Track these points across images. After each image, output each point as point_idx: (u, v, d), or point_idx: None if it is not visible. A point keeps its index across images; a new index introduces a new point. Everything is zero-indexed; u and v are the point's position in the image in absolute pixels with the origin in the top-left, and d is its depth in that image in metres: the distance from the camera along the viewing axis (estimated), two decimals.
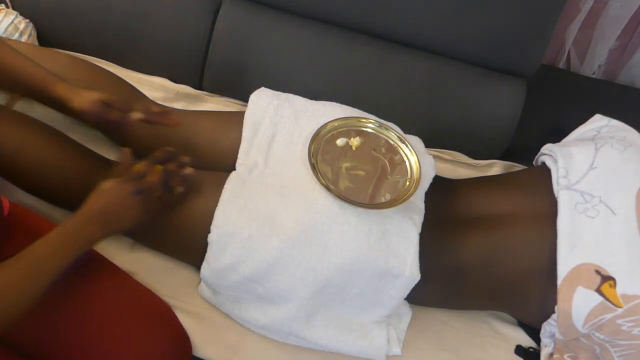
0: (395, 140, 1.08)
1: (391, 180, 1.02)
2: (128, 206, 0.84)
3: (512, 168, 1.35)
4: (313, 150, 1.01)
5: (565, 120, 1.31)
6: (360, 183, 1.00)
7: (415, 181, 1.02)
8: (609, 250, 0.95)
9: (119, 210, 0.83)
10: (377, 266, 0.94)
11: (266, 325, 0.98)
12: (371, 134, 1.08)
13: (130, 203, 0.84)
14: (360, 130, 1.08)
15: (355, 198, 0.97)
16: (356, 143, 1.05)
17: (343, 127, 1.07)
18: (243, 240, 0.93)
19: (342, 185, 0.99)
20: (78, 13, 1.28)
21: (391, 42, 1.31)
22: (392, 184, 1.01)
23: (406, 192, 1.00)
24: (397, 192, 1.00)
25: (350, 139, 1.06)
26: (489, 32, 1.25)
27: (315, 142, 1.03)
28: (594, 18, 1.63)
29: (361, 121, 1.09)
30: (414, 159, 1.05)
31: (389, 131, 1.08)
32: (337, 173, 1.00)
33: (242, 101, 1.34)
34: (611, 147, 1.05)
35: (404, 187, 1.01)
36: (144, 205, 0.86)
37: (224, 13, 1.29)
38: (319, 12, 1.29)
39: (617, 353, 0.97)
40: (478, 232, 1.03)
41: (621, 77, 1.75)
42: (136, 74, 1.32)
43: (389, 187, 1.01)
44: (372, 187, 1.00)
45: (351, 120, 1.08)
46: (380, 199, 0.98)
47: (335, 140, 1.05)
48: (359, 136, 1.06)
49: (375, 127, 1.09)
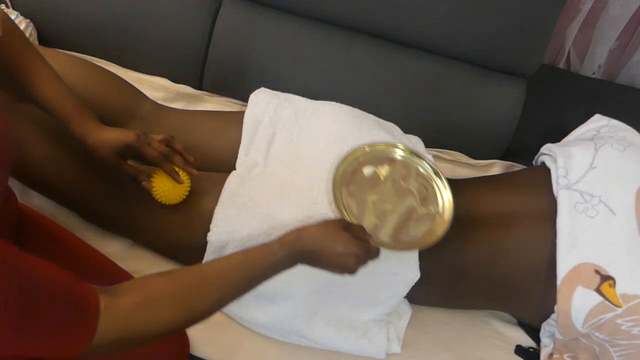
0: (428, 170, 0.99)
1: (420, 215, 0.93)
2: (341, 263, 0.78)
3: (512, 168, 1.35)
4: (338, 179, 0.94)
5: (565, 120, 1.31)
6: (386, 218, 0.93)
7: (446, 221, 0.93)
8: (609, 250, 0.95)
9: (331, 262, 0.78)
10: (376, 264, 0.94)
11: (266, 324, 0.98)
12: (401, 162, 1.00)
13: (346, 261, 0.78)
14: (389, 157, 1.00)
15: (381, 236, 0.90)
16: (384, 173, 0.97)
17: (371, 154, 0.99)
18: (242, 239, 0.93)
19: (368, 222, 0.92)
20: (78, 13, 1.28)
21: (391, 42, 1.31)
22: (421, 220, 0.93)
23: (436, 231, 0.91)
24: (426, 230, 0.91)
25: (378, 167, 0.98)
26: (489, 32, 1.25)
27: (341, 169, 0.96)
28: (594, 18, 1.63)
29: (390, 147, 1.00)
30: (447, 195, 0.97)
31: (422, 160, 1.00)
32: (362, 207, 0.93)
33: (242, 101, 1.34)
34: (611, 147, 1.05)
35: (434, 224, 0.92)
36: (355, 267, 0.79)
37: (224, 13, 1.29)
38: (319, 12, 1.29)
39: (616, 353, 0.97)
40: (478, 232, 1.03)
41: (621, 77, 1.75)
42: (136, 74, 1.32)
43: (417, 223, 0.92)
44: (399, 223, 0.92)
45: (379, 147, 1.00)
46: (407, 236, 0.90)
47: (362, 169, 0.97)
48: (387, 164, 0.99)
49: (405, 155, 1.00)
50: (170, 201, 0.95)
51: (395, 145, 1.00)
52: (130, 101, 1.11)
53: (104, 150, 0.88)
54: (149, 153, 0.89)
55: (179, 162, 0.92)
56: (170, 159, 0.92)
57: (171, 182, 0.92)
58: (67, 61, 1.10)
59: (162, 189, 0.92)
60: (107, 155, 0.88)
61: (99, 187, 0.99)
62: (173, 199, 0.94)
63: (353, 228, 0.81)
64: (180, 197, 0.95)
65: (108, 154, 0.88)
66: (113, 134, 0.88)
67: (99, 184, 0.98)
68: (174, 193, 0.94)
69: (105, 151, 0.88)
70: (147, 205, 0.96)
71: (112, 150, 0.88)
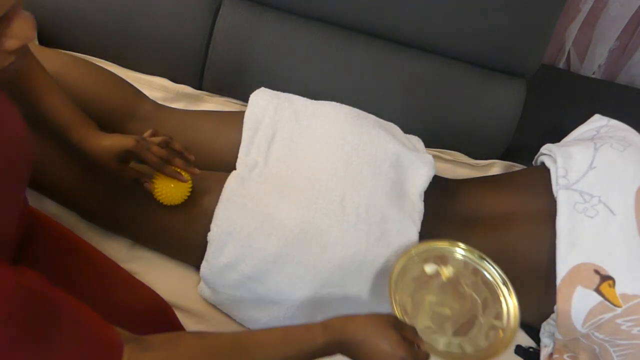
0: (494, 276, 0.92)
1: (481, 324, 0.87)
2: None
3: (512, 168, 1.35)
4: (396, 272, 0.89)
5: (565, 120, 1.31)
6: (442, 323, 0.86)
7: (511, 332, 0.85)
8: (608, 250, 0.95)
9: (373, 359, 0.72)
10: (376, 265, 0.94)
11: (266, 324, 0.98)
12: (466, 264, 0.94)
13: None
14: (454, 257, 0.95)
15: (434, 342, 0.83)
16: (447, 273, 0.92)
17: (434, 251, 0.94)
18: (242, 238, 0.93)
19: (422, 324, 0.85)
20: (78, 13, 1.28)
21: (391, 42, 1.31)
22: (481, 330, 0.86)
23: (496, 348, 0.83)
24: (485, 342, 0.84)
25: (442, 266, 0.92)
26: (489, 32, 1.25)
27: (401, 262, 0.91)
28: (594, 18, 1.63)
29: (454, 247, 0.95)
30: (512, 303, 0.89)
31: (490, 265, 0.93)
32: (418, 306, 0.87)
33: (242, 101, 1.34)
34: (610, 147, 1.05)
35: (496, 338, 0.85)
36: None
37: (224, 13, 1.29)
38: (319, 12, 1.29)
39: (616, 353, 0.97)
40: (477, 232, 1.03)
41: (621, 77, 1.75)
42: (136, 74, 1.32)
43: (476, 333, 0.85)
44: (457, 330, 0.86)
45: (444, 244, 0.95)
46: (463, 348, 0.84)
47: (424, 265, 0.92)
48: (451, 265, 0.93)
49: (472, 257, 0.94)
50: (173, 202, 0.95)
51: (457, 245, 0.95)
52: (130, 101, 1.11)
53: (105, 158, 0.88)
54: (149, 159, 0.89)
55: (179, 164, 0.92)
56: (171, 161, 0.92)
57: (173, 184, 0.92)
58: (67, 61, 1.10)
59: (164, 191, 0.93)
60: (108, 162, 0.88)
61: (99, 187, 0.99)
62: (175, 200, 0.95)
63: (404, 328, 0.75)
64: (182, 197, 0.95)
65: (109, 160, 0.88)
66: (112, 140, 0.88)
67: (99, 183, 0.98)
68: (176, 194, 0.94)
69: (106, 158, 0.88)
70: (147, 204, 0.96)
71: (113, 156, 0.88)
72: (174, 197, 0.94)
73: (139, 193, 0.93)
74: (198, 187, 0.98)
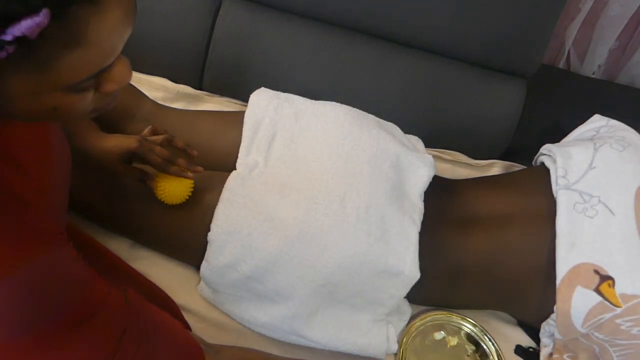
0: (493, 354, 1.04)
1: None
2: None
3: (512, 168, 1.35)
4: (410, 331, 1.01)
5: (565, 120, 1.31)
6: None
7: None
8: (608, 250, 0.95)
9: None
10: (376, 265, 0.95)
11: (266, 324, 0.98)
12: (470, 336, 1.06)
13: None
14: (461, 329, 1.06)
15: None
16: (453, 342, 1.04)
17: (444, 321, 1.06)
18: (243, 238, 0.93)
19: None
20: None
21: (391, 42, 1.31)
22: None
23: None
24: None
25: (449, 336, 1.05)
26: (489, 32, 1.25)
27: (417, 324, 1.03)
28: (593, 18, 1.63)
29: (462, 320, 1.07)
30: None
31: (492, 342, 1.05)
32: None
33: (242, 101, 1.34)
34: (610, 147, 1.05)
35: None
36: None
37: (224, 13, 1.29)
38: (319, 12, 1.29)
39: (616, 353, 0.97)
40: (477, 232, 1.03)
41: (621, 77, 1.75)
42: (136, 74, 1.32)
43: None
44: None
45: (454, 317, 1.06)
46: None
47: (433, 332, 1.05)
48: (457, 335, 1.05)
49: (476, 331, 1.06)
50: (175, 201, 0.95)
51: (467, 319, 1.07)
52: (131, 101, 1.11)
53: (109, 159, 0.88)
54: (153, 160, 0.89)
55: (183, 164, 0.92)
56: (174, 161, 0.92)
57: (175, 182, 0.93)
58: None
59: (166, 190, 0.93)
60: (111, 163, 0.88)
61: (99, 187, 0.99)
62: (177, 199, 0.95)
63: None
64: (185, 196, 0.95)
65: (112, 162, 0.88)
66: (115, 141, 0.88)
67: (99, 183, 0.99)
68: (179, 193, 0.94)
69: (110, 160, 0.88)
70: (147, 204, 0.96)
71: (116, 158, 0.88)
72: (176, 196, 0.94)
73: (139, 193, 0.93)
74: (199, 187, 0.98)
